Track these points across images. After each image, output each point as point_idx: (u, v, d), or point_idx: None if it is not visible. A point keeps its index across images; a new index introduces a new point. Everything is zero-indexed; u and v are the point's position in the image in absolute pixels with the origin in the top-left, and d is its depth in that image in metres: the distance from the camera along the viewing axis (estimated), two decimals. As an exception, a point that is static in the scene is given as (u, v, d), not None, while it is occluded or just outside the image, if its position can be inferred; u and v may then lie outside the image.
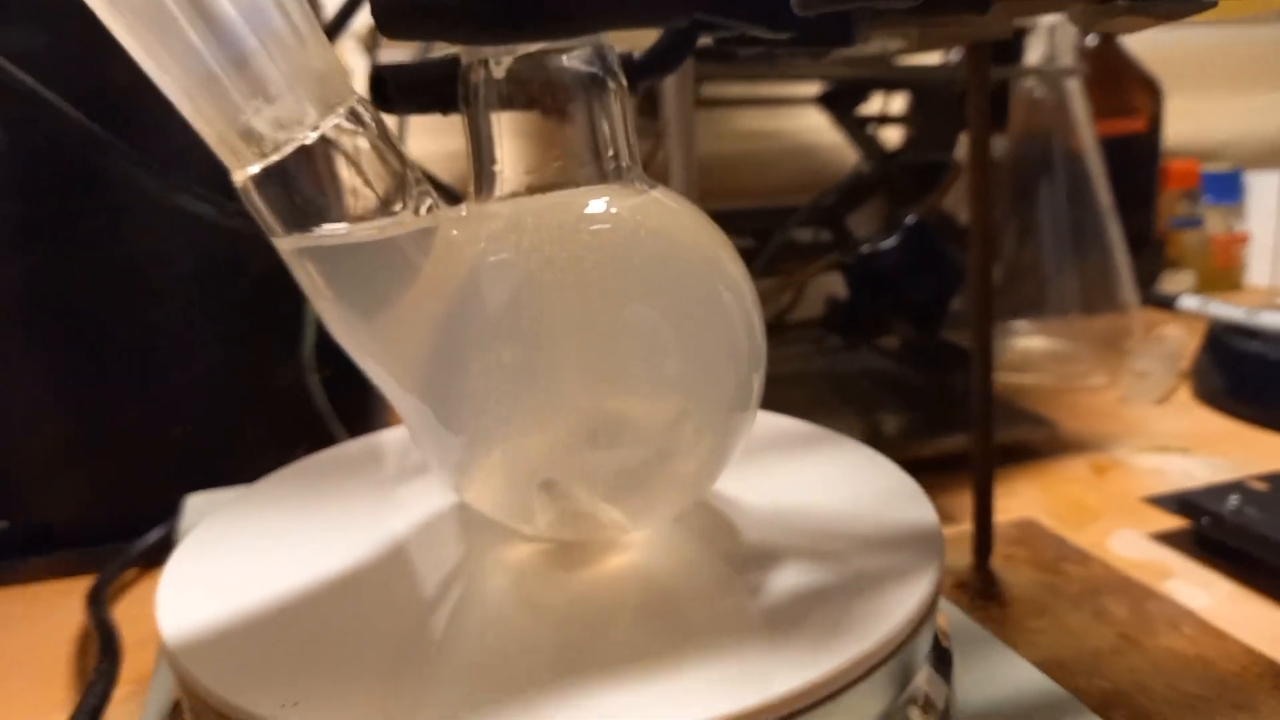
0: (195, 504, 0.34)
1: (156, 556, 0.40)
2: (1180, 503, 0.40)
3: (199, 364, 0.42)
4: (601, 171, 0.20)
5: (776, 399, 0.55)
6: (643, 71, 0.21)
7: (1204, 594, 0.37)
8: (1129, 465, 0.50)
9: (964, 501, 0.43)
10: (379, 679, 0.18)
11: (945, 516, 0.43)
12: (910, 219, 0.42)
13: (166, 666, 0.23)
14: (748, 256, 0.55)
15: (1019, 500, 0.46)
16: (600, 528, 0.21)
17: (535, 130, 0.20)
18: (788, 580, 0.20)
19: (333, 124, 0.18)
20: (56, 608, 0.38)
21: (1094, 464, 0.50)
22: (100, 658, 0.30)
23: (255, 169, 0.17)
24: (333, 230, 0.18)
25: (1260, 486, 0.41)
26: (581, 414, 0.19)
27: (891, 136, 0.67)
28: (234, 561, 0.23)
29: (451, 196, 0.26)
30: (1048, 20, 0.58)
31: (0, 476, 0.42)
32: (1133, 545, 0.41)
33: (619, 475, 0.20)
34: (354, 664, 0.18)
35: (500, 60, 0.19)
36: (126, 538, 0.39)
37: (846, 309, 0.46)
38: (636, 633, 0.19)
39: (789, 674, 0.17)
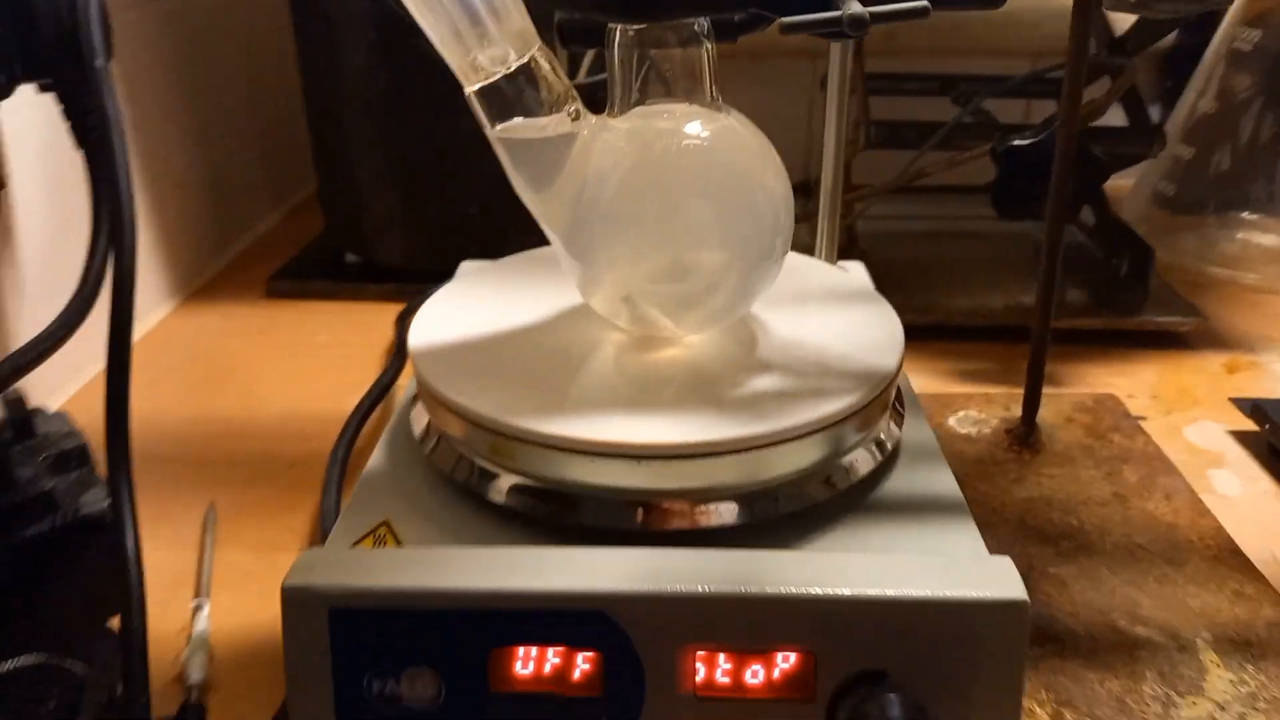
0: (466, 267, 0.50)
1: (445, 299, 0.57)
2: (1252, 407, 0.45)
3: (482, 172, 0.57)
4: (694, 101, 0.30)
5: (956, 250, 0.62)
6: (736, 30, 0.30)
7: (1239, 485, 0.43)
8: (1265, 369, 0.53)
9: (1070, 371, 0.50)
10: (523, 389, 0.31)
11: (1053, 382, 0.50)
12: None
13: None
14: (931, 130, 0.60)
15: (1129, 379, 0.51)
16: (663, 330, 0.33)
17: (652, 69, 0.30)
18: (776, 379, 0.31)
19: (523, 61, 0.29)
20: (378, 321, 0.56)
21: (1230, 362, 0.53)
22: (394, 356, 0.47)
23: (475, 87, 0.29)
24: (517, 126, 0.30)
25: (1356, 409, 0.44)
26: (658, 258, 0.31)
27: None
28: (467, 306, 0.37)
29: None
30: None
31: (355, 228, 0.61)
32: (1206, 435, 0.46)
33: (680, 297, 0.32)
34: (513, 378, 0.32)
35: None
36: (430, 280, 0.57)
37: (996, 189, 0.52)
38: (677, 392, 0.31)
39: (755, 426, 0.28)
